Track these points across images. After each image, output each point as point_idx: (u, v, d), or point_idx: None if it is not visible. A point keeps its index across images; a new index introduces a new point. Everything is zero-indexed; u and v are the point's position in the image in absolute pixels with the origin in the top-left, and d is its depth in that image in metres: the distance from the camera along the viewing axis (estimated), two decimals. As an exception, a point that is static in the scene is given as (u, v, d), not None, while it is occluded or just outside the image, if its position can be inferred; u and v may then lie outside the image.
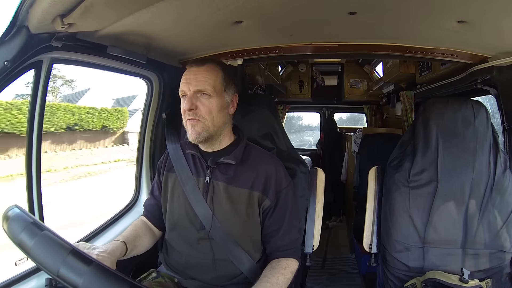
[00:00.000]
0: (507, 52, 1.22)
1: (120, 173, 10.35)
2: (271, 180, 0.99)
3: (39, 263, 0.59)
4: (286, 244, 1.00)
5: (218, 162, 0.98)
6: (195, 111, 0.92)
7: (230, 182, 0.98)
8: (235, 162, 0.98)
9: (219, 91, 0.95)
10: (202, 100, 0.93)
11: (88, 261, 0.58)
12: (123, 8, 0.88)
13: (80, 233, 1.24)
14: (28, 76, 0.93)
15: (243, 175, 0.98)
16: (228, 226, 0.97)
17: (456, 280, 1.07)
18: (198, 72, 0.94)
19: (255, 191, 0.97)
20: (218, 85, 0.95)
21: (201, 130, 0.93)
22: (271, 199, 0.98)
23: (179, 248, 1.03)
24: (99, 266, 0.58)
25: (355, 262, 2.47)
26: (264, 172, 0.99)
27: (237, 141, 1.03)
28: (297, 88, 3.74)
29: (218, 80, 0.95)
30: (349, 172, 3.17)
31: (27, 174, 1.01)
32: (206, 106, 0.93)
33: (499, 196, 1.18)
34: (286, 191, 1.01)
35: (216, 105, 0.94)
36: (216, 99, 0.94)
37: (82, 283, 0.56)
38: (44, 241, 0.60)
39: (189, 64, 0.97)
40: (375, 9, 0.99)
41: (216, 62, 0.99)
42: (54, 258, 0.58)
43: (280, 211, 1.00)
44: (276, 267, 0.94)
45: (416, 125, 1.29)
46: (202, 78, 0.93)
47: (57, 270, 0.57)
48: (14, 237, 0.62)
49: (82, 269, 0.57)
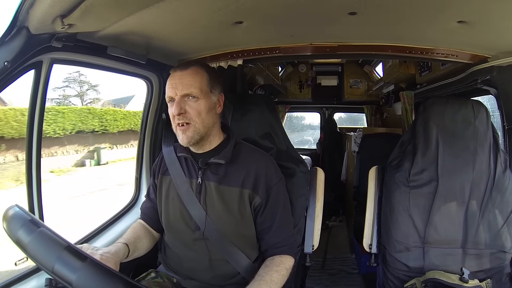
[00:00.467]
0: (507, 52, 1.22)
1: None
2: (261, 177, 0.99)
3: (34, 259, 0.60)
4: (279, 241, 1.00)
5: (208, 162, 0.99)
6: (184, 115, 0.93)
7: (221, 182, 0.98)
8: (225, 161, 0.98)
9: (206, 93, 0.95)
10: (190, 103, 0.94)
11: (83, 257, 0.58)
12: (123, 8, 0.88)
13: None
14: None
15: (233, 174, 0.99)
16: (222, 225, 0.98)
17: (456, 280, 1.07)
18: (183, 76, 0.94)
19: (246, 189, 0.98)
20: (204, 87, 0.95)
21: (193, 134, 0.94)
22: (261, 196, 0.98)
23: (176, 249, 1.04)
24: (93, 262, 0.59)
25: (355, 262, 2.47)
26: (254, 170, 0.99)
27: (226, 140, 1.04)
28: (297, 88, 3.75)
29: (204, 82, 0.95)
30: (349, 171, 3.17)
31: (27, 174, 1.01)
32: (194, 109, 0.93)
33: (499, 195, 1.18)
34: (277, 187, 1.01)
35: (204, 107, 0.94)
36: (204, 101, 0.94)
37: (76, 279, 0.56)
38: (40, 238, 0.61)
39: (173, 69, 0.97)
40: (375, 9, 0.99)
41: (200, 64, 0.99)
42: (49, 254, 0.59)
43: (271, 208, 1.00)
44: (270, 265, 0.95)
45: (416, 125, 1.29)
46: (187, 82, 0.93)
47: (52, 266, 0.58)
48: (12, 235, 0.63)
49: (77, 265, 0.57)
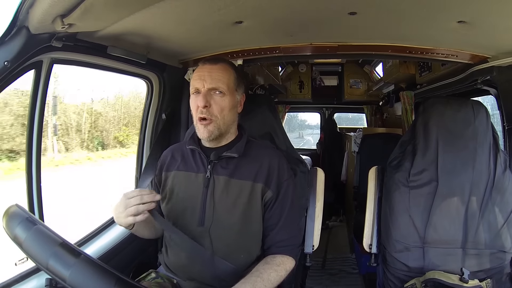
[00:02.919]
0: (507, 52, 1.22)
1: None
2: (273, 172, 0.99)
3: (30, 256, 0.61)
4: (284, 240, 0.99)
5: (221, 156, 0.98)
6: (209, 108, 0.93)
7: (232, 175, 0.98)
8: (238, 155, 0.98)
9: (232, 90, 0.96)
10: (215, 98, 0.94)
11: (76, 254, 0.59)
12: (123, 8, 0.88)
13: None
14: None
15: (245, 167, 0.98)
16: (228, 221, 0.97)
17: (456, 280, 1.07)
18: (212, 70, 0.95)
19: (258, 182, 0.97)
20: (232, 84, 0.96)
21: (213, 129, 0.94)
22: (273, 190, 0.98)
23: (177, 248, 1.02)
24: (87, 258, 0.59)
25: (355, 262, 2.47)
26: (267, 164, 0.99)
27: (239, 137, 1.04)
28: (297, 88, 3.74)
29: (232, 79, 0.97)
30: (349, 172, 3.17)
31: (27, 174, 1.01)
32: (218, 105, 0.94)
33: (499, 196, 1.18)
34: (287, 183, 1.01)
35: (228, 104, 0.95)
36: (229, 98, 0.95)
37: (69, 275, 0.57)
38: (36, 235, 0.62)
39: (203, 61, 0.98)
40: (375, 9, 0.99)
41: (228, 62, 1.01)
42: (43, 251, 0.60)
43: (280, 203, 1.00)
44: (270, 263, 0.94)
45: (416, 125, 1.29)
46: (216, 76, 0.94)
47: (46, 262, 0.58)
48: (10, 232, 0.64)
49: (70, 261, 0.58)
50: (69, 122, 8.48)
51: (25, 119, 2.46)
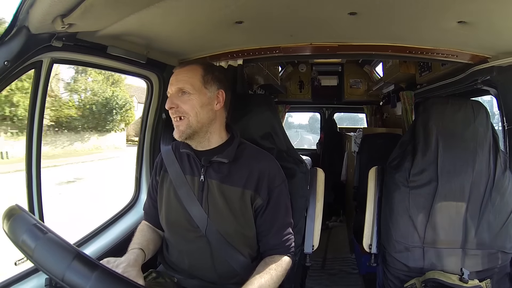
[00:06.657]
0: (507, 52, 1.22)
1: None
2: (263, 179, 0.99)
3: (42, 268, 0.58)
4: (279, 243, 1.00)
5: (211, 160, 0.99)
6: (177, 109, 0.96)
7: (223, 181, 0.98)
8: (228, 160, 0.98)
9: (199, 88, 0.97)
10: (182, 98, 0.97)
11: (94, 266, 0.57)
12: (123, 8, 0.88)
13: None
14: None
15: (236, 173, 0.99)
16: (223, 224, 0.98)
17: (456, 280, 1.07)
18: (179, 73, 0.99)
19: (248, 189, 0.98)
20: (197, 82, 0.98)
21: (184, 128, 0.96)
22: (263, 197, 0.99)
23: (177, 247, 1.04)
24: (105, 270, 0.58)
25: (355, 262, 2.47)
26: (257, 171, 0.99)
27: (230, 140, 1.04)
28: (297, 88, 3.75)
29: (197, 77, 0.98)
30: (349, 172, 3.17)
31: (27, 174, 1.01)
32: (187, 104, 0.96)
33: (499, 196, 1.18)
34: (279, 189, 1.01)
35: (196, 102, 0.96)
36: (196, 96, 0.96)
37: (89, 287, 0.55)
38: (48, 245, 0.59)
39: (175, 68, 1.02)
40: (375, 9, 0.99)
41: (199, 62, 1.03)
42: (58, 263, 0.57)
43: (272, 210, 1.00)
44: (269, 263, 0.95)
45: (416, 125, 1.29)
46: (181, 78, 0.97)
47: (62, 275, 0.56)
48: (15, 239, 0.61)
49: (88, 274, 0.56)
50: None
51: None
